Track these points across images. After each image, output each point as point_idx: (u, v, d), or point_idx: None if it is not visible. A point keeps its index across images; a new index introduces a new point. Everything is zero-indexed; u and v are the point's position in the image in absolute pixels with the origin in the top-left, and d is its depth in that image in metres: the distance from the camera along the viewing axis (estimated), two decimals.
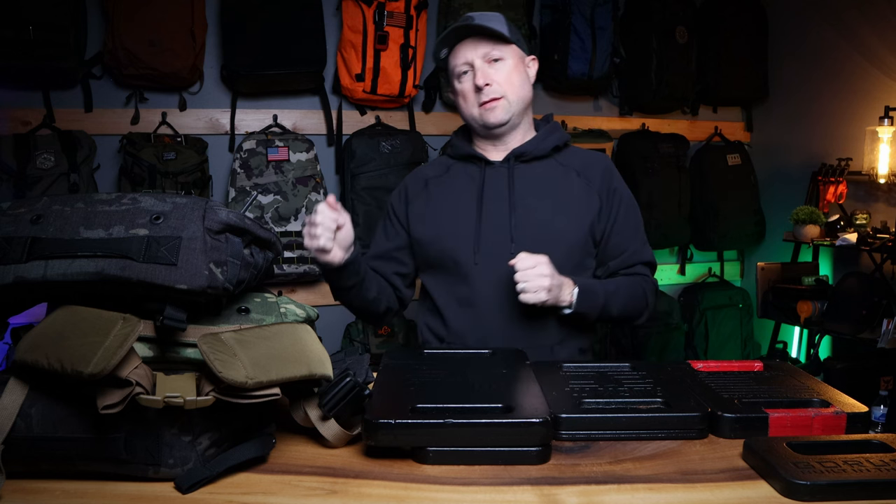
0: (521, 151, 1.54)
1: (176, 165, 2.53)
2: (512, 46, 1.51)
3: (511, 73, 1.50)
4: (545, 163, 1.55)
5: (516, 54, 1.52)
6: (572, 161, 1.56)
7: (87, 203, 0.94)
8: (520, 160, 1.54)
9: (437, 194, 1.57)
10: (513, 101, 1.50)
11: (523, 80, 1.53)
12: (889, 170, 2.69)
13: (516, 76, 1.51)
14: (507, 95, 1.49)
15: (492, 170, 1.55)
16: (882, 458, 0.89)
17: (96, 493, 0.86)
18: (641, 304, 1.55)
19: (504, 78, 1.49)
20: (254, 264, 1.01)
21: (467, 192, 1.55)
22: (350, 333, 2.85)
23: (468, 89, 1.51)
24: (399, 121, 2.99)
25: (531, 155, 1.54)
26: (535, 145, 1.54)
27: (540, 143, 1.55)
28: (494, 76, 1.49)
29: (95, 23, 2.56)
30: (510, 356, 1.28)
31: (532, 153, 1.54)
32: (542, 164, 1.55)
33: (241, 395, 0.86)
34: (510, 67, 1.50)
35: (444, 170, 1.62)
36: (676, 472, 0.93)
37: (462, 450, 0.94)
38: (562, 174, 1.54)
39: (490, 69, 1.49)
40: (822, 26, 3.11)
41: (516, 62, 1.52)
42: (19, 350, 0.86)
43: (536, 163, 1.55)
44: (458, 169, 1.59)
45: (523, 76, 1.53)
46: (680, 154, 3.24)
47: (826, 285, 2.90)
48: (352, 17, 2.73)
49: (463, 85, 1.52)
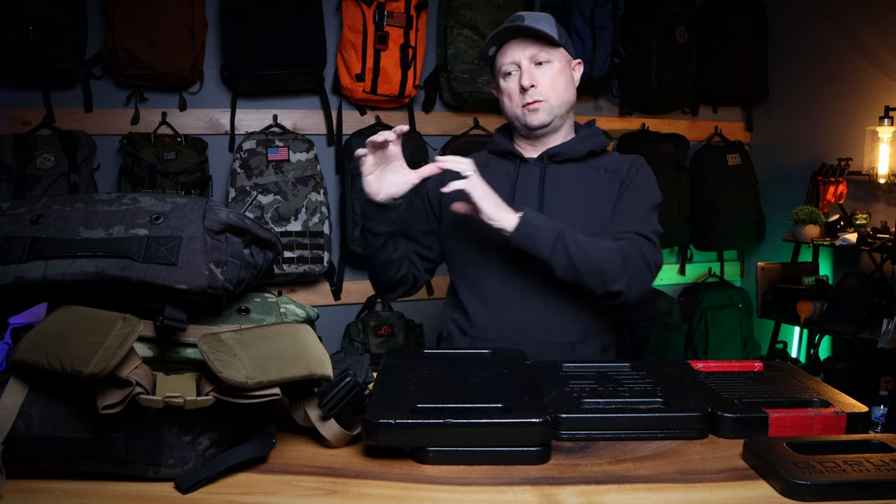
0: (556, 152, 1.55)
1: (176, 165, 2.53)
2: (560, 50, 1.52)
3: (556, 77, 1.51)
4: (579, 165, 1.56)
5: (563, 58, 1.53)
6: (605, 163, 1.57)
7: (87, 203, 0.94)
8: (553, 160, 1.55)
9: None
10: (555, 105, 1.52)
11: (568, 83, 1.54)
12: (889, 170, 2.69)
13: (561, 80, 1.52)
14: (549, 99, 1.51)
15: (525, 167, 1.56)
16: (882, 458, 0.89)
17: (96, 493, 0.86)
18: (614, 263, 1.40)
19: (549, 81, 1.50)
20: (254, 264, 1.01)
21: (501, 187, 1.54)
22: (350, 333, 2.85)
23: (513, 89, 1.52)
24: (399, 121, 2.99)
25: (565, 156, 1.55)
26: (571, 147, 1.55)
27: (576, 146, 1.56)
28: (540, 78, 1.50)
29: (95, 23, 2.56)
30: (510, 356, 1.28)
31: (566, 154, 1.55)
32: (576, 167, 1.55)
33: (241, 395, 0.86)
34: (556, 71, 1.51)
35: (483, 163, 1.62)
36: (676, 472, 0.93)
37: (462, 450, 0.94)
38: (594, 177, 1.54)
39: (536, 71, 1.50)
40: (822, 26, 3.11)
41: (563, 66, 1.53)
42: (19, 350, 0.86)
43: (570, 164, 1.55)
44: (495, 164, 1.61)
45: (568, 80, 1.54)
46: (680, 154, 3.24)
47: (826, 285, 2.90)
48: (352, 17, 2.74)
49: (508, 84, 1.53)
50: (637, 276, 1.43)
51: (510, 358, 1.27)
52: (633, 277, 1.42)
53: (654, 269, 1.48)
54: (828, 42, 3.08)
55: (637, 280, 1.43)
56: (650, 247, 1.47)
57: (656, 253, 1.48)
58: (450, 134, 3.04)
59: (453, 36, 2.87)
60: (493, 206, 1.37)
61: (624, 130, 3.32)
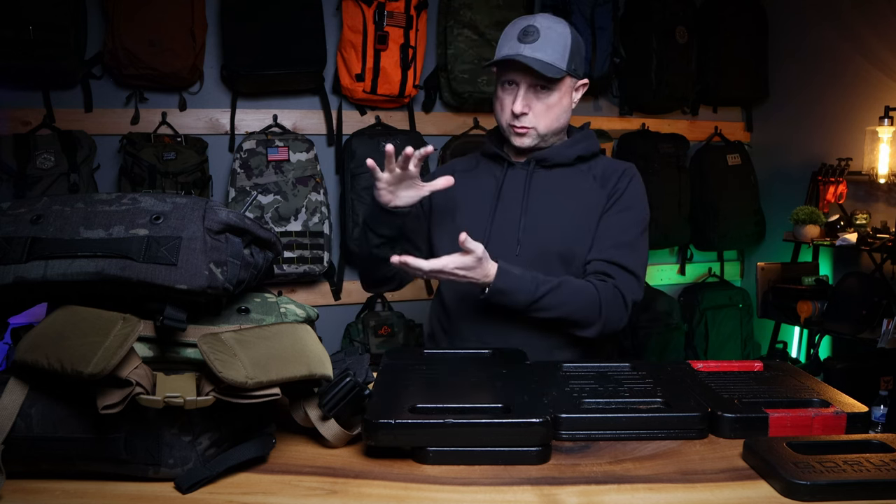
0: (543, 157, 1.53)
1: (176, 165, 2.53)
2: (565, 80, 1.46)
3: (553, 107, 1.47)
4: (567, 170, 1.54)
5: (565, 86, 1.48)
6: (596, 168, 1.55)
7: (87, 203, 0.94)
8: (540, 165, 1.54)
9: (460, 188, 1.55)
10: (543, 133, 1.49)
11: (563, 111, 1.50)
12: (889, 170, 2.69)
13: (557, 109, 1.48)
14: (538, 127, 1.48)
15: (512, 171, 1.55)
16: (882, 458, 0.89)
17: (96, 493, 0.86)
18: (590, 312, 1.42)
19: (543, 110, 1.47)
20: (254, 264, 1.01)
21: (487, 190, 1.55)
22: (350, 333, 2.85)
23: (506, 103, 1.49)
24: (399, 121, 2.99)
25: (553, 161, 1.53)
26: (558, 152, 1.54)
27: (564, 151, 1.54)
28: (535, 106, 1.46)
29: (95, 23, 2.56)
30: (510, 356, 1.28)
31: (554, 159, 1.53)
32: (563, 171, 1.54)
33: (241, 395, 0.86)
34: (554, 101, 1.47)
35: (473, 165, 1.63)
36: (676, 472, 0.93)
37: (462, 450, 0.94)
38: (581, 182, 1.53)
39: (533, 98, 1.46)
40: (823, 26, 3.11)
41: (562, 94, 1.47)
42: (19, 350, 0.86)
43: (558, 169, 1.54)
44: (484, 166, 1.61)
45: (566, 107, 1.50)
46: (680, 154, 3.24)
47: (826, 285, 2.90)
48: (352, 17, 2.73)
49: (503, 95, 1.50)
50: (611, 321, 1.44)
51: (510, 358, 1.27)
52: (608, 322, 1.44)
53: (630, 307, 1.47)
54: (828, 42, 3.08)
55: (611, 323, 1.45)
56: (631, 283, 1.46)
57: (636, 289, 1.47)
58: (450, 134, 3.04)
59: (453, 36, 2.87)
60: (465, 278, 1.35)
61: (624, 130, 3.32)
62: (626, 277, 1.46)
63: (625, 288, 1.45)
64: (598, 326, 1.43)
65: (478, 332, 1.51)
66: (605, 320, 1.43)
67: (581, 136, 1.57)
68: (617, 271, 1.45)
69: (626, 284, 1.45)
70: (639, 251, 1.50)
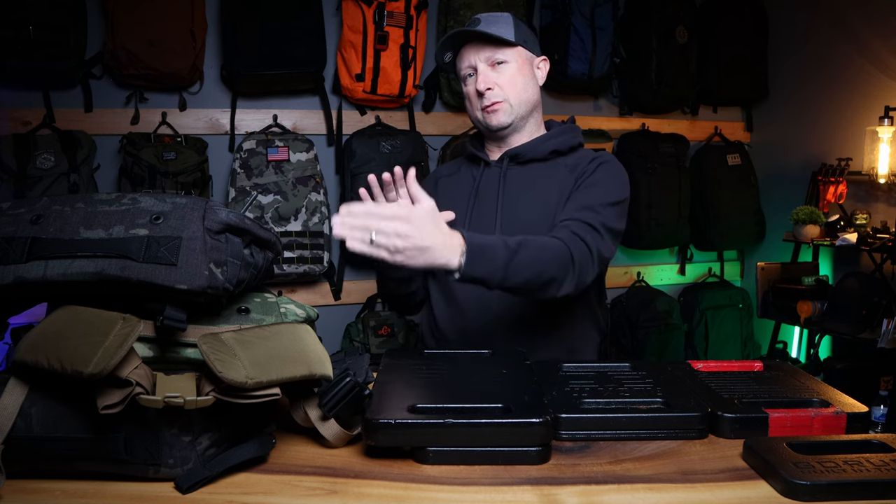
0: (517, 153, 1.54)
1: (176, 165, 2.53)
2: (517, 49, 1.50)
3: (514, 76, 1.49)
4: (542, 165, 1.53)
5: (521, 56, 1.51)
6: (571, 161, 1.53)
7: (87, 203, 0.94)
8: (515, 161, 1.54)
9: (442, 192, 1.58)
10: (515, 105, 1.50)
11: (528, 82, 1.51)
12: (889, 170, 2.69)
13: (520, 79, 1.50)
14: (508, 99, 1.49)
15: (488, 170, 1.56)
16: (882, 458, 0.89)
17: (96, 493, 0.86)
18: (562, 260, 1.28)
19: (507, 81, 1.49)
20: (254, 264, 1.01)
21: (465, 190, 1.56)
22: (350, 333, 2.85)
23: (472, 93, 1.52)
24: (399, 121, 2.99)
25: (527, 156, 1.53)
26: (533, 147, 1.54)
27: (538, 146, 1.53)
28: (497, 80, 1.49)
29: (95, 23, 2.56)
30: (510, 356, 1.28)
31: (528, 155, 1.53)
32: (538, 167, 1.53)
33: (241, 395, 0.86)
34: (513, 70, 1.49)
35: (455, 169, 1.65)
36: (676, 472, 0.93)
37: (462, 450, 0.94)
38: (555, 174, 1.52)
39: (493, 73, 1.49)
40: (822, 26, 3.11)
41: (521, 64, 1.50)
42: (19, 350, 0.86)
43: (532, 164, 1.54)
44: (465, 169, 1.62)
45: (528, 78, 1.52)
46: (680, 154, 3.24)
47: (826, 285, 2.90)
48: (352, 17, 2.74)
49: (468, 88, 1.53)
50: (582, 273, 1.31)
51: (510, 358, 1.27)
52: (580, 275, 1.31)
53: (598, 259, 1.35)
54: (828, 42, 3.08)
55: (583, 276, 1.32)
56: (594, 236, 1.35)
57: (601, 242, 1.35)
58: (450, 134, 3.04)
59: None
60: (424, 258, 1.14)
61: (624, 130, 3.32)
62: (587, 230, 1.35)
63: (588, 238, 1.33)
64: (573, 279, 1.29)
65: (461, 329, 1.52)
66: (579, 271, 1.30)
67: (559, 131, 1.57)
68: (578, 225, 1.35)
69: (589, 235, 1.34)
70: (603, 216, 1.38)
